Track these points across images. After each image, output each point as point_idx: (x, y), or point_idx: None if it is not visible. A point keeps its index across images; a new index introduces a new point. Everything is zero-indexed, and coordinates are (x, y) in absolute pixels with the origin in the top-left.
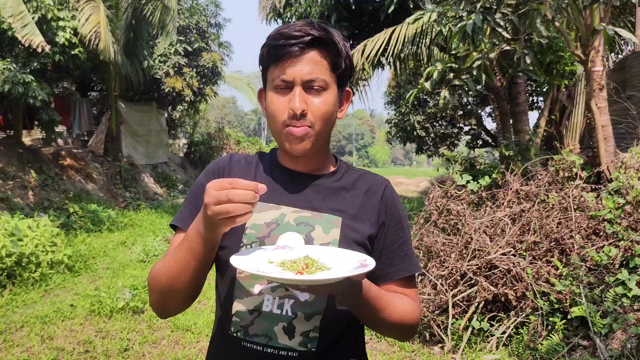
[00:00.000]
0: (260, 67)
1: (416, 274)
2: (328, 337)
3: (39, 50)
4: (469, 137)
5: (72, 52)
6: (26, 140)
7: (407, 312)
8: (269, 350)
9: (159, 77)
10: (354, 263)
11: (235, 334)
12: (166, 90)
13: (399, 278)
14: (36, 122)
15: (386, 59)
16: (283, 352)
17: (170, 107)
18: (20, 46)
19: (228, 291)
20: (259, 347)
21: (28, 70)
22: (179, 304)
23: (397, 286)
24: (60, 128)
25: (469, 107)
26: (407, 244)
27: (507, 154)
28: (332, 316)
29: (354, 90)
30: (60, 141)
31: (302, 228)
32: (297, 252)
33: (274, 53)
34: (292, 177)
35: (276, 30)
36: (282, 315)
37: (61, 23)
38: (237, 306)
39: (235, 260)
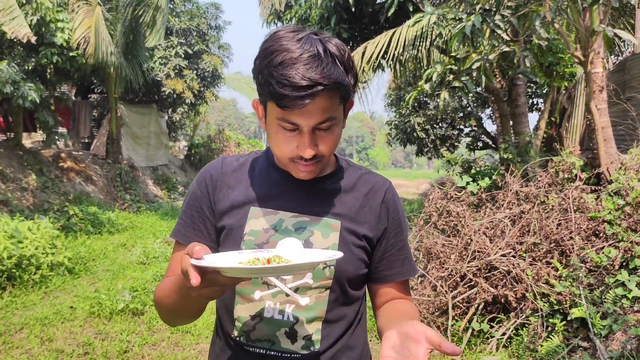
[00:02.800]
0: (256, 83)
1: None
2: (329, 338)
3: (24, 40)
4: (469, 139)
5: (71, 54)
6: (26, 142)
7: (416, 317)
8: (272, 353)
9: (159, 79)
10: (321, 256)
11: (238, 338)
12: (166, 92)
13: (398, 281)
14: (37, 125)
15: (387, 61)
16: (286, 355)
17: (170, 110)
18: (19, 47)
19: (229, 297)
20: (262, 351)
21: (22, 70)
22: (185, 321)
23: (395, 288)
24: (61, 130)
25: (468, 109)
26: (407, 247)
27: (506, 156)
28: (332, 319)
29: (354, 92)
30: (60, 143)
31: (301, 233)
32: (271, 253)
33: (280, 100)
34: (289, 181)
35: (278, 65)
36: (284, 321)
37: (60, 24)
38: (239, 312)
39: (196, 261)
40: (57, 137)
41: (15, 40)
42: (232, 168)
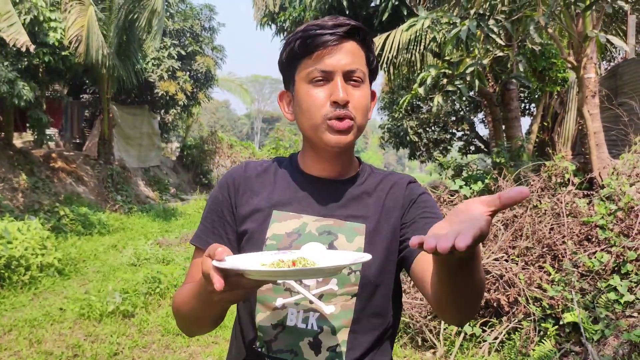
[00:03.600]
0: (284, 65)
1: None
2: (356, 350)
3: (23, 49)
4: (461, 143)
5: (63, 54)
6: (17, 142)
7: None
8: None
9: (152, 80)
10: (346, 257)
11: (259, 349)
12: (159, 93)
13: None
14: (28, 124)
15: (380, 65)
16: None
17: (163, 111)
18: (12, 47)
19: (249, 305)
20: None
21: (16, 69)
22: (204, 330)
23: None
24: (51, 130)
25: (461, 113)
26: (438, 213)
27: (499, 160)
28: (359, 329)
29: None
30: (51, 144)
31: (325, 237)
32: (295, 254)
33: (309, 44)
34: (313, 184)
35: (305, 25)
36: (308, 330)
37: (52, 24)
38: (260, 320)
39: (218, 262)
40: (47, 138)
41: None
42: (256, 172)
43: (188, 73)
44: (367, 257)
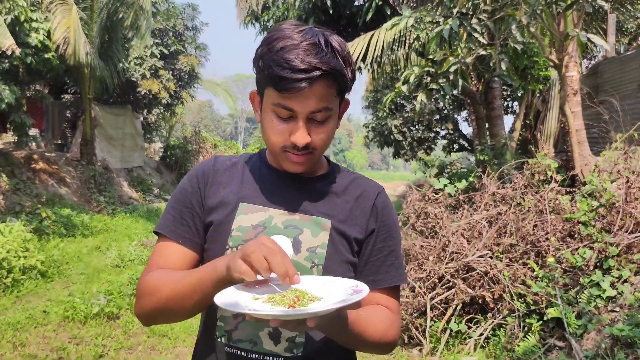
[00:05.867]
0: (256, 73)
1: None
2: (314, 342)
3: (9, 52)
4: (445, 141)
5: (46, 56)
6: None
7: (386, 329)
8: (253, 355)
9: (134, 79)
10: (345, 289)
11: (219, 339)
12: (142, 92)
13: (382, 287)
14: (8, 126)
15: (365, 64)
16: (268, 358)
17: (145, 111)
18: None
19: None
20: (243, 353)
21: None
22: (172, 320)
23: (380, 295)
24: (33, 131)
25: (445, 111)
26: (396, 254)
27: (482, 158)
28: None
29: (350, 89)
30: (33, 145)
31: (290, 231)
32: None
33: (278, 83)
34: (281, 179)
35: (279, 49)
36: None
37: (34, 24)
38: (222, 311)
39: (220, 301)
40: (30, 139)
41: None
42: (225, 166)
43: (171, 72)
44: (365, 290)
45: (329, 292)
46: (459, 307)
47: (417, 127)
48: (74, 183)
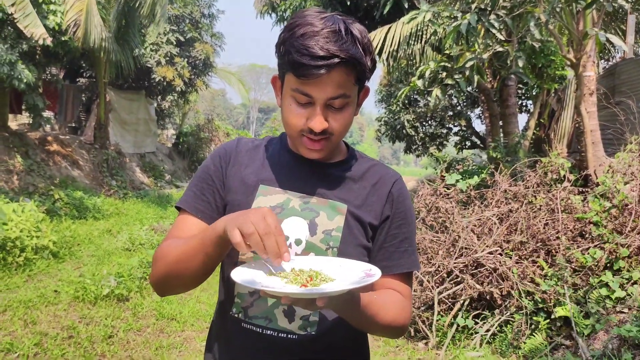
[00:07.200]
0: (278, 58)
1: (413, 273)
2: (328, 321)
3: (40, 42)
4: (457, 138)
5: (63, 38)
6: (12, 124)
7: (398, 313)
8: (268, 332)
9: (149, 65)
10: (358, 273)
11: (236, 315)
12: (157, 79)
13: (395, 273)
14: (24, 107)
15: (381, 58)
16: (282, 335)
17: (159, 97)
18: (9, 28)
19: (229, 275)
20: (258, 329)
21: (16, 52)
22: (181, 286)
23: (392, 280)
24: (47, 114)
25: (459, 108)
26: (410, 241)
27: (495, 155)
28: None
29: (370, 77)
30: (47, 127)
31: (307, 214)
32: (298, 263)
33: (297, 69)
34: (300, 163)
35: (300, 36)
36: None
37: (52, 7)
38: (239, 288)
39: (237, 277)
40: (45, 120)
41: (6, 20)
42: (247, 148)
43: (186, 60)
44: (377, 273)
45: (343, 274)
46: (466, 303)
47: (429, 122)
48: (86, 166)
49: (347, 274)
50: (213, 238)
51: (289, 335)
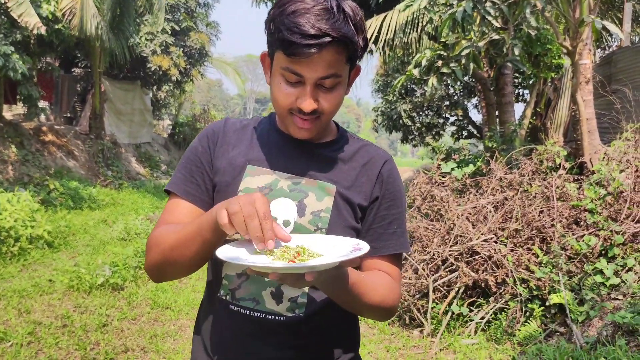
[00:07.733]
0: (267, 35)
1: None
2: (316, 302)
3: (35, 31)
4: (454, 127)
5: (56, 27)
6: (7, 114)
7: (386, 294)
8: (255, 314)
9: (145, 55)
10: (346, 247)
11: (223, 297)
12: (152, 68)
13: (384, 254)
14: (18, 97)
15: (376, 46)
16: (270, 317)
17: (155, 87)
18: (2, 17)
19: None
20: (245, 311)
21: (9, 42)
22: (177, 272)
23: (381, 262)
24: (43, 104)
25: (455, 97)
26: (399, 222)
27: (491, 144)
28: None
29: (362, 56)
30: (42, 117)
31: (295, 194)
32: (295, 242)
33: (287, 48)
34: (289, 144)
35: (290, 13)
36: (270, 280)
37: None
38: (227, 269)
39: (222, 254)
40: (40, 110)
41: None
42: (235, 128)
43: (182, 49)
44: (365, 247)
45: (331, 250)
46: (461, 290)
47: (426, 112)
48: (82, 156)
49: (334, 249)
50: (211, 223)
51: (277, 317)
